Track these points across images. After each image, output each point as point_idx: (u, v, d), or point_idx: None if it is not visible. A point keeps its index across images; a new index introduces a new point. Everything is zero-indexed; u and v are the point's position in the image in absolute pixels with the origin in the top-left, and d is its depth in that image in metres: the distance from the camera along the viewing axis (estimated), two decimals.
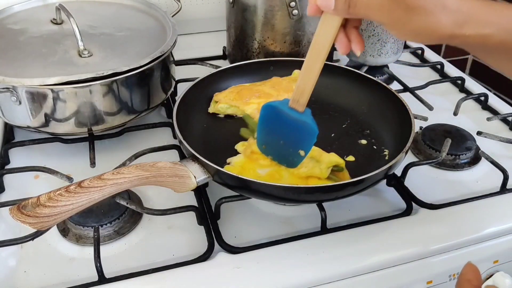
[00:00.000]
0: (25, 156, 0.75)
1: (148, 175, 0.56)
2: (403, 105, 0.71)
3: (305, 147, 0.61)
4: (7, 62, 0.71)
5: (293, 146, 0.61)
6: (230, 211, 0.66)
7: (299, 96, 0.57)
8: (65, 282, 0.57)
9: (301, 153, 0.61)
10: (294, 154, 0.62)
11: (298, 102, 0.58)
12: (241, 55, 0.92)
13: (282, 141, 0.62)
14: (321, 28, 0.52)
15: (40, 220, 0.48)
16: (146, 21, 0.85)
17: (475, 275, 0.45)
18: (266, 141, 0.64)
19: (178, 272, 0.57)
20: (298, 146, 0.61)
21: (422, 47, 1.09)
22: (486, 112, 0.90)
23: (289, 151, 0.62)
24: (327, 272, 0.58)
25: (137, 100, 0.74)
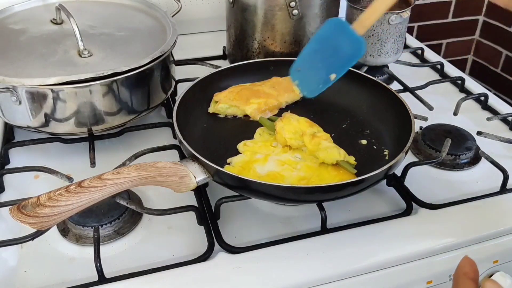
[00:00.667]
0: (25, 156, 0.75)
1: (148, 175, 0.56)
2: (403, 105, 0.71)
3: (342, 69, 0.62)
4: (7, 62, 0.71)
5: (330, 67, 0.63)
6: (230, 211, 0.66)
7: (367, 17, 0.60)
8: (65, 282, 0.57)
9: (331, 77, 0.63)
10: (323, 79, 0.64)
11: (363, 24, 0.60)
12: (241, 55, 0.92)
13: (321, 62, 0.64)
14: None
15: (40, 220, 0.48)
16: (146, 21, 0.85)
17: (472, 268, 0.44)
18: (306, 61, 0.66)
19: (178, 272, 0.57)
20: (335, 67, 0.63)
21: (422, 47, 1.09)
22: (486, 112, 0.90)
23: (322, 74, 0.64)
24: (327, 272, 0.58)
25: (137, 100, 0.74)
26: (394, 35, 0.90)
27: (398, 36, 0.91)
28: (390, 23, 0.88)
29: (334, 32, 0.63)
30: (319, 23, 0.87)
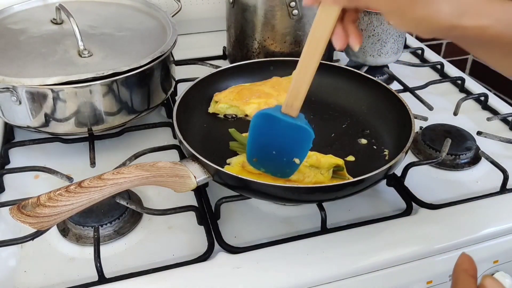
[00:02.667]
0: (25, 156, 0.75)
1: (148, 175, 0.56)
2: (403, 105, 0.71)
3: (301, 153, 0.59)
4: (7, 62, 0.71)
5: (287, 155, 0.59)
6: (230, 211, 0.66)
7: (293, 99, 0.55)
8: (65, 282, 0.57)
9: (296, 161, 0.59)
10: (288, 163, 0.60)
11: (292, 107, 0.55)
12: (241, 55, 0.92)
13: (274, 151, 0.59)
14: (318, 21, 0.49)
15: (40, 220, 0.48)
16: (146, 21, 0.85)
17: (470, 265, 0.43)
18: (257, 153, 0.61)
19: (178, 272, 0.57)
20: (292, 154, 0.59)
21: (422, 47, 1.09)
22: (486, 112, 0.90)
23: (283, 161, 0.60)
24: (327, 272, 0.58)
25: (137, 100, 0.74)
26: (394, 35, 0.90)
27: (398, 36, 0.91)
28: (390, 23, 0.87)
29: (266, 125, 0.57)
30: None
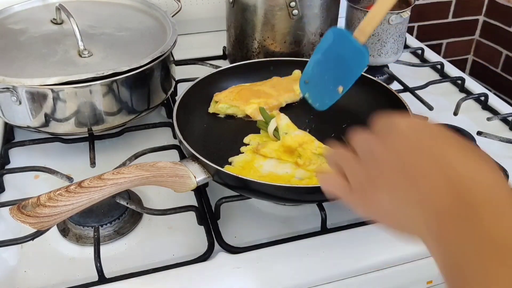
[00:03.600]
0: (25, 156, 0.75)
1: (148, 175, 0.56)
2: (403, 105, 0.71)
3: (348, 80, 0.61)
4: (7, 62, 0.71)
5: (335, 80, 0.62)
6: (230, 211, 0.66)
7: (367, 23, 0.58)
8: (65, 282, 0.57)
9: (339, 89, 0.62)
10: (332, 92, 0.62)
11: (364, 31, 0.58)
12: (241, 55, 0.92)
13: (327, 76, 0.63)
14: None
15: (40, 220, 0.48)
16: (146, 21, 0.85)
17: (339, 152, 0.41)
18: (312, 74, 0.64)
19: (178, 272, 0.57)
20: (341, 80, 0.62)
21: (422, 47, 1.09)
22: (486, 112, 0.90)
23: (329, 88, 0.63)
24: (327, 272, 0.58)
25: (137, 100, 0.74)
26: (394, 35, 0.90)
27: (398, 36, 0.91)
28: (390, 23, 0.88)
29: (336, 42, 0.61)
30: (319, 23, 0.87)
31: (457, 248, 0.29)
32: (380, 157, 0.36)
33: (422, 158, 0.33)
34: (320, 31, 0.88)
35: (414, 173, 0.33)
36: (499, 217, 0.28)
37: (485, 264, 0.27)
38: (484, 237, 0.28)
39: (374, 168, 0.36)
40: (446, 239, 0.30)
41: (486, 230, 0.28)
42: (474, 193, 0.30)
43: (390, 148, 0.35)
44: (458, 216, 0.29)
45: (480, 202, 0.29)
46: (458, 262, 0.29)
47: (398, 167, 0.34)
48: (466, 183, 0.30)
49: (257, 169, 0.65)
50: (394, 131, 0.36)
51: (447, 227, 0.30)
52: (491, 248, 0.27)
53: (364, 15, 0.88)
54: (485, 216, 0.29)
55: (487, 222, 0.28)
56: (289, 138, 0.68)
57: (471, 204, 0.29)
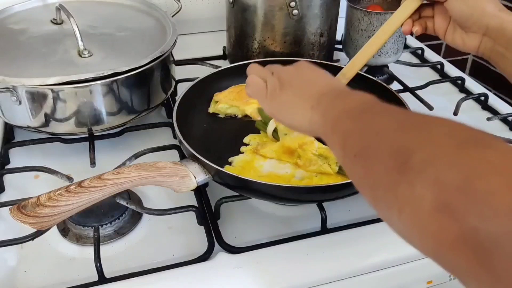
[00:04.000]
0: (25, 156, 0.75)
1: (148, 175, 0.56)
2: (403, 105, 0.71)
3: None
4: (7, 62, 0.71)
5: None
6: (230, 211, 0.66)
7: (349, 69, 0.66)
8: (65, 282, 0.57)
9: None
10: None
11: (345, 76, 0.66)
12: (241, 55, 0.92)
13: None
14: (400, 9, 0.66)
15: (40, 220, 0.48)
16: (146, 21, 0.85)
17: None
18: None
19: (178, 272, 0.57)
20: None
21: (422, 47, 1.09)
22: (486, 112, 0.90)
23: None
24: (327, 272, 0.58)
25: (137, 100, 0.74)
26: (394, 35, 0.90)
27: (398, 36, 0.91)
28: None
29: None
30: (319, 23, 0.87)
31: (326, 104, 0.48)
32: (289, 72, 0.55)
33: (313, 75, 0.54)
34: (320, 31, 0.88)
35: (308, 81, 0.53)
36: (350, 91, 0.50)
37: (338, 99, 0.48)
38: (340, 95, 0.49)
39: (285, 78, 0.54)
40: (321, 104, 0.48)
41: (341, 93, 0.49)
42: (339, 87, 0.52)
43: (296, 68, 0.56)
44: (330, 93, 0.50)
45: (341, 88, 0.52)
46: (326, 108, 0.48)
47: (300, 77, 0.54)
48: (334, 86, 0.52)
49: (257, 169, 0.65)
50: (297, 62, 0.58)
51: (322, 99, 0.49)
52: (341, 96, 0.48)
53: (364, 15, 0.88)
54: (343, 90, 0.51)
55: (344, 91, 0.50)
56: (289, 139, 0.68)
57: (337, 89, 0.51)
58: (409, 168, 0.32)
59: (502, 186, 0.26)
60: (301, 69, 0.55)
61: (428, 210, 0.29)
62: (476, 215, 0.27)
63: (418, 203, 0.30)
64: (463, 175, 0.28)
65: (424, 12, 0.67)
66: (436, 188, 0.29)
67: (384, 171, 0.35)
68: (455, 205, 0.28)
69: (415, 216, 0.31)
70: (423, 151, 0.32)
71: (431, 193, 0.29)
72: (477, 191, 0.27)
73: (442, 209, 0.28)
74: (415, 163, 0.32)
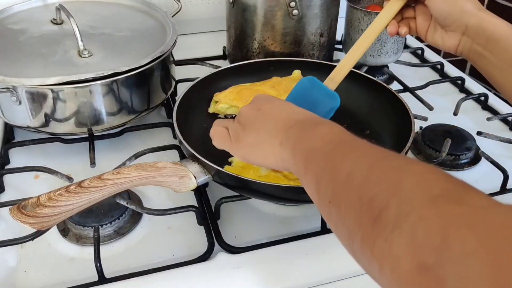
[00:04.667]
0: (25, 156, 0.75)
1: (148, 175, 0.56)
2: (403, 105, 0.71)
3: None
4: (7, 62, 0.71)
5: None
6: (230, 211, 0.66)
7: (336, 73, 0.65)
8: (65, 282, 0.57)
9: None
10: None
11: (333, 80, 0.65)
12: (241, 55, 0.92)
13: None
14: (384, 11, 0.65)
15: (40, 220, 0.48)
16: (146, 21, 0.85)
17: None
18: None
19: (178, 272, 0.57)
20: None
21: (422, 47, 1.09)
22: (486, 112, 0.90)
23: None
24: (327, 272, 0.58)
25: (137, 100, 0.74)
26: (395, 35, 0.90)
27: (398, 36, 0.91)
28: None
29: (309, 89, 0.64)
30: (319, 23, 0.87)
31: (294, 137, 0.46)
32: (249, 114, 0.52)
33: (274, 109, 0.51)
34: (320, 31, 0.88)
35: (270, 117, 0.50)
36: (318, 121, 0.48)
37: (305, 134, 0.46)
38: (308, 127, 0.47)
39: (244, 119, 0.52)
40: (290, 138, 0.47)
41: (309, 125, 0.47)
42: (306, 119, 0.49)
43: (253, 105, 0.53)
44: (297, 126, 0.47)
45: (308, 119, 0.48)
46: (294, 144, 0.46)
47: (260, 114, 0.51)
48: (299, 117, 0.49)
49: (257, 169, 0.65)
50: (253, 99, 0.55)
51: (290, 132, 0.47)
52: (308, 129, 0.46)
53: (364, 15, 0.88)
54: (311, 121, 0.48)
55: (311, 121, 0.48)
56: None
57: (305, 120, 0.48)
58: (383, 224, 0.31)
59: (478, 246, 0.26)
60: (259, 105, 0.52)
61: (408, 269, 0.29)
62: (456, 277, 0.26)
63: (397, 262, 0.30)
64: (439, 235, 0.27)
65: (406, 13, 0.67)
66: (413, 248, 0.29)
67: (357, 224, 0.34)
68: (434, 267, 0.27)
69: (396, 274, 0.30)
70: (395, 205, 0.31)
71: (409, 253, 0.29)
72: (454, 252, 0.26)
73: (422, 269, 0.28)
74: (389, 219, 0.31)
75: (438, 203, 0.30)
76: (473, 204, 0.29)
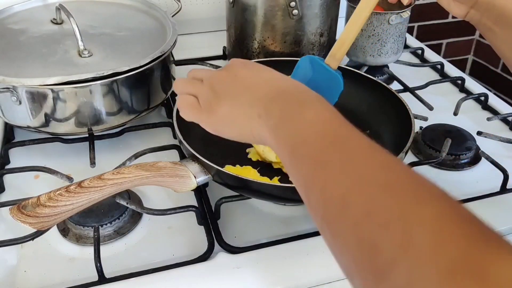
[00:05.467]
0: (25, 156, 0.75)
1: (148, 175, 0.56)
2: (403, 105, 0.71)
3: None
4: (7, 62, 0.71)
5: None
6: (230, 211, 0.66)
7: (337, 49, 0.58)
8: (65, 282, 0.57)
9: None
10: None
11: (335, 57, 0.58)
12: (241, 55, 0.92)
13: None
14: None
15: (40, 220, 0.48)
16: (146, 21, 0.85)
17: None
18: None
19: (178, 272, 0.57)
20: None
21: (422, 47, 1.09)
22: (486, 112, 0.90)
23: None
24: (327, 272, 0.58)
25: (137, 100, 0.74)
26: (394, 35, 0.90)
27: (398, 36, 0.91)
28: (390, 23, 0.88)
29: (309, 70, 0.59)
30: (319, 23, 0.87)
31: (277, 114, 0.41)
32: (223, 80, 0.46)
33: (253, 75, 0.46)
34: (320, 31, 0.88)
35: (248, 84, 0.45)
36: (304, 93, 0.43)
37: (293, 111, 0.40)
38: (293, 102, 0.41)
39: (218, 86, 0.46)
40: (271, 113, 0.41)
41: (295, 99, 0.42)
42: (289, 88, 0.44)
43: (228, 70, 0.47)
44: (279, 98, 0.42)
45: (293, 90, 0.44)
46: (277, 122, 0.41)
47: (236, 81, 0.46)
48: (285, 85, 0.44)
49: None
50: (229, 63, 0.48)
51: (272, 106, 0.42)
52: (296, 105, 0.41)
53: None
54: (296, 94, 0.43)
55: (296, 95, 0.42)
56: None
57: (288, 91, 0.43)
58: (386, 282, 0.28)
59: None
60: (236, 71, 0.47)
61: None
62: None
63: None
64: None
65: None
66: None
67: (357, 268, 0.31)
68: None
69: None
70: (405, 270, 0.27)
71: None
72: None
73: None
74: (398, 285, 0.27)
75: (457, 280, 0.25)
76: (498, 282, 0.24)
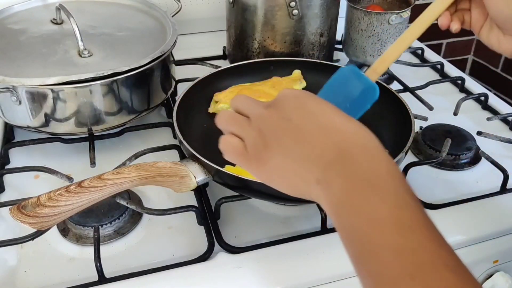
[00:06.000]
0: (25, 156, 0.75)
1: (148, 175, 0.56)
2: (403, 105, 0.71)
3: (356, 112, 0.58)
4: (7, 62, 0.71)
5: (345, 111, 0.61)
6: (230, 211, 0.66)
7: (379, 64, 0.58)
8: (65, 282, 0.57)
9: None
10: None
11: (376, 70, 0.58)
12: (241, 55, 0.92)
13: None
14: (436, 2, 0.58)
15: (40, 220, 0.48)
16: (146, 21, 0.85)
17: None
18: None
19: (178, 272, 0.57)
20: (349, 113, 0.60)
21: (422, 47, 1.09)
22: (486, 112, 0.90)
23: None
24: (327, 272, 0.58)
25: (137, 100, 0.74)
26: (394, 35, 0.90)
27: (398, 36, 0.91)
28: (390, 23, 0.88)
29: (348, 80, 0.59)
30: (319, 23, 0.87)
31: (340, 188, 0.35)
32: (274, 124, 0.40)
33: (307, 122, 0.39)
34: (320, 31, 0.88)
35: (302, 136, 0.39)
36: (372, 163, 0.36)
37: (361, 195, 0.34)
38: (361, 177, 0.35)
39: (268, 132, 0.40)
40: (331, 184, 0.36)
41: (362, 172, 0.35)
42: (353, 148, 0.37)
43: (279, 109, 0.41)
44: (342, 164, 0.36)
45: (358, 153, 0.37)
46: (340, 199, 0.35)
47: (289, 130, 0.39)
48: (347, 142, 0.38)
49: None
50: (280, 98, 0.42)
51: (332, 174, 0.36)
52: (365, 184, 0.35)
53: (365, 15, 0.88)
54: (362, 163, 0.36)
55: (363, 166, 0.36)
56: None
57: (351, 155, 0.37)
58: None
59: None
60: (289, 114, 0.40)
61: None
62: None
63: None
64: None
65: (461, 4, 0.59)
66: None
67: None
68: None
69: None
70: None
71: None
72: None
73: None
74: None
75: None
76: None
